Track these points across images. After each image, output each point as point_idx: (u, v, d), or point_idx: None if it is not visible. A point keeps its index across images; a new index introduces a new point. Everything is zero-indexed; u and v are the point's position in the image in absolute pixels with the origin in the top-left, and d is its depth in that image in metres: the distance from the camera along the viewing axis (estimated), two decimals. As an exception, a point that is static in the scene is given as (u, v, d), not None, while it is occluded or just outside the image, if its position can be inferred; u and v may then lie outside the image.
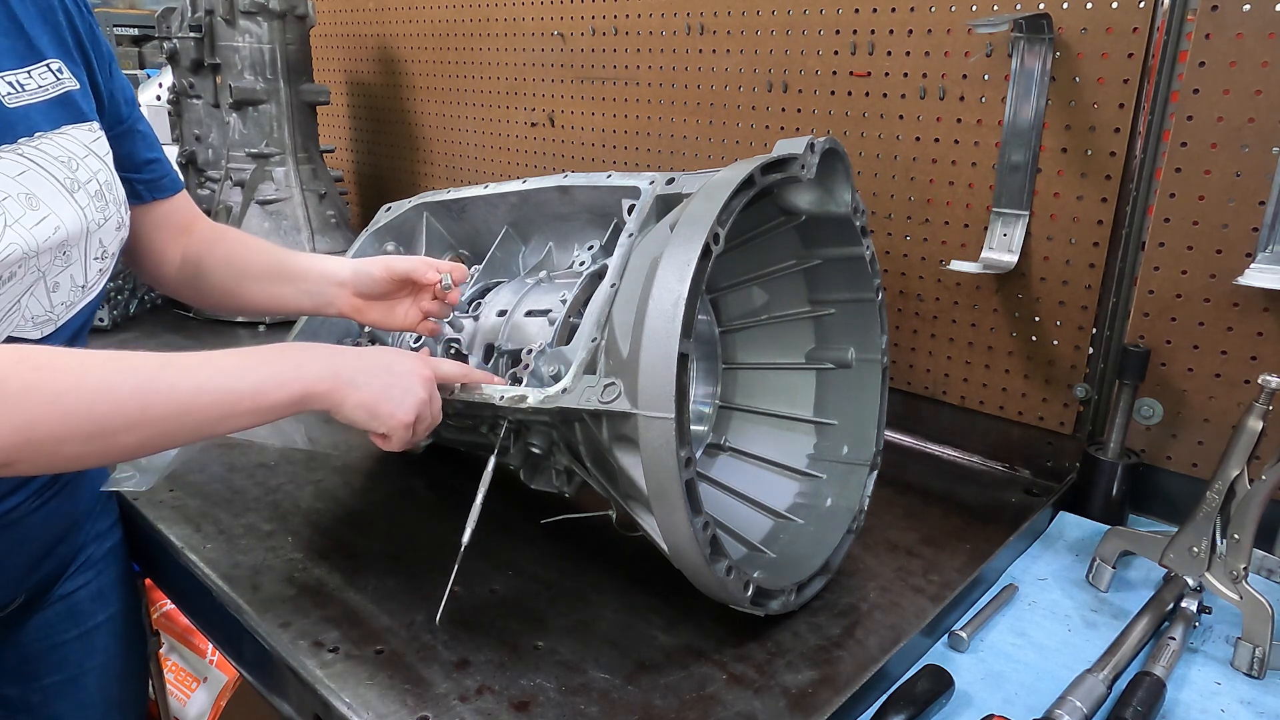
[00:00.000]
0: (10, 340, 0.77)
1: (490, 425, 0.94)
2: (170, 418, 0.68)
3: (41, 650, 0.97)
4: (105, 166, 0.85)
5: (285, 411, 0.73)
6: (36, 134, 0.78)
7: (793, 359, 1.06)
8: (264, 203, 1.76)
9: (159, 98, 2.55)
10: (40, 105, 0.79)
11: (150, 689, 1.25)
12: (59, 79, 0.83)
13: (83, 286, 0.84)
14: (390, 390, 0.78)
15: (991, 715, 0.76)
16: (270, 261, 1.02)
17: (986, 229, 1.19)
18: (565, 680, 0.79)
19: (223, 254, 1.03)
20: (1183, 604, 0.91)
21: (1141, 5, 1.02)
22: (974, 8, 1.14)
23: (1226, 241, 1.02)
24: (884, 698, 0.77)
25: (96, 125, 0.86)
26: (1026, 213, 1.15)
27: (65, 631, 0.98)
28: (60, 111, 0.82)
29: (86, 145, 0.83)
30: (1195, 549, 0.92)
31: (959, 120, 1.19)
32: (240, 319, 1.77)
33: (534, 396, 0.81)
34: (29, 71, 0.80)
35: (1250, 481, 0.89)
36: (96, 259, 0.85)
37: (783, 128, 1.39)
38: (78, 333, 0.86)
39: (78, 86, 0.85)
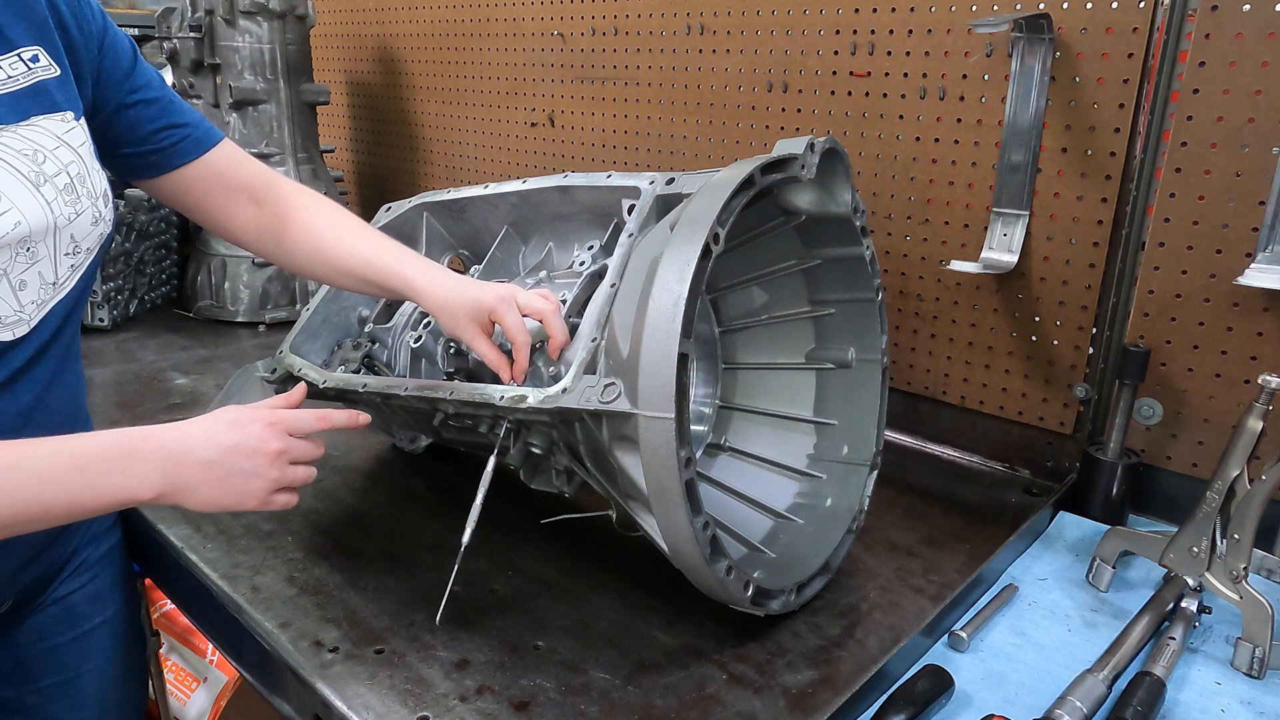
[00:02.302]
0: None
1: (490, 425, 0.94)
2: None
3: (37, 653, 0.96)
4: (78, 158, 0.82)
5: (106, 513, 0.72)
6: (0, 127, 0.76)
7: (793, 359, 1.06)
8: (264, 203, 1.76)
9: (159, 98, 2.55)
10: (6, 98, 0.77)
11: (150, 689, 1.25)
12: (30, 69, 0.80)
13: (53, 284, 0.81)
14: (229, 483, 0.76)
15: (991, 715, 0.76)
16: (350, 266, 0.96)
17: (986, 229, 1.19)
18: (565, 680, 0.79)
19: (303, 245, 0.98)
20: (1183, 604, 0.91)
21: (1141, 5, 1.02)
22: (974, 8, 1.14)
23: (1226, 241, 1.02)
24: (884, 698, 0.77)
25: (71, 115, 0.83)
26: (1026, 213, 1.15)
27: (60, 634, 0.98)
28: (30, 102, 0.79)
29: (58, 137, 0.80)
30: (1195, 549, 0.92)
31: (959, 120, 1.19)
32: (240, 319, 1.77)
33: (534, 396, 0.81)
34: None
35: (1250, 481, 0.89)
36: (67, 255, 0.82)
37: (783, 128, 1.39)
38: (57, 334, 0.84)
39: (56, 74, 0.82)
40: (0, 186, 0.74)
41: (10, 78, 0.78)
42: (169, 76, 1.81)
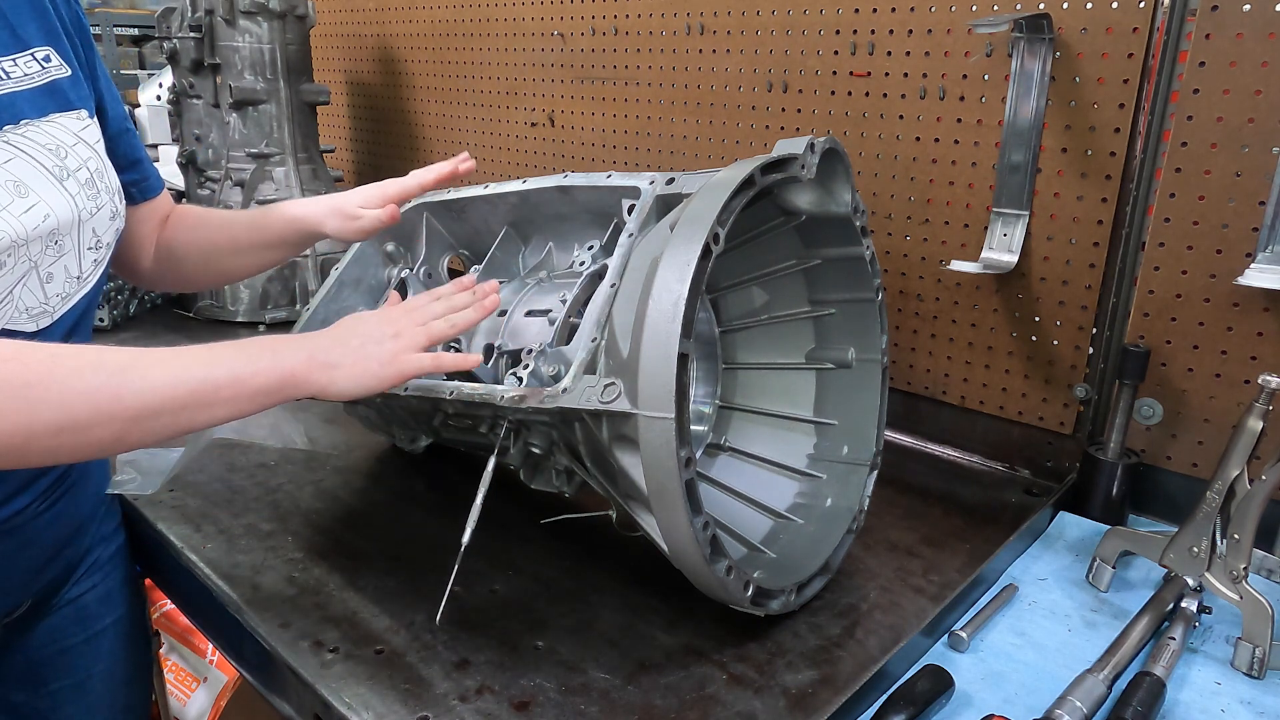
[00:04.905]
0: (6, 334, 0.77)
1: (490, 425, 0.94)
2: (145, 410, 0.66)
3: (49, 655, 0.97)
4: (96, 154, 0.84)
5: (266, 400, 0.72)
6: (23, 122, 0.77)
7: (793, 359, 1.06)
8: (264, 203, 1.76)
9: (159, 98, 2.55)
10: (26, 93, 0.79)
11: (152, 690, 1.25)
12: (45, 67, 0.82)
13: (78, 278, 0.83)
14: (365, 350, 0.77)
15: (991, 715, 0.76)
16: (238, 234, 1.05)
17: (986, 229, 1.19)
18: (565, 680, 0.79)
19: (191, 237, 1.05)
20: (1183, 604, 0.91)
21: (1141, 5, 1.02)
22: (974, 8, 1.14)
23: (1226, 241, 1.02)
24: (884, 698, 0.77)
25: (85, 113, 0.85)
26: (1026, 213, 1.15)
27: (73, 636, 0.98)
28: (47, 99, 0.81)
29: (75, 133, 0.82)
30: (1195, 549, 0.92)
31: (959, 120, 1.19)
32: (240, 319, 1.77)
33: (534, 396, 0.81)
34: (14, 60, 0.79)
35: (1250, 481, 0.89)
36: (90, 249, 0.84)
37: (783, 128, 1.39)
38: (76, 326, 0.86)
39: (67, 74, 0.84)
40: (28, 181, 0.76)
41: (27, 75, 0.80)
42: (169, 77, 1.81)
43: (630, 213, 0.91)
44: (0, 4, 0.80)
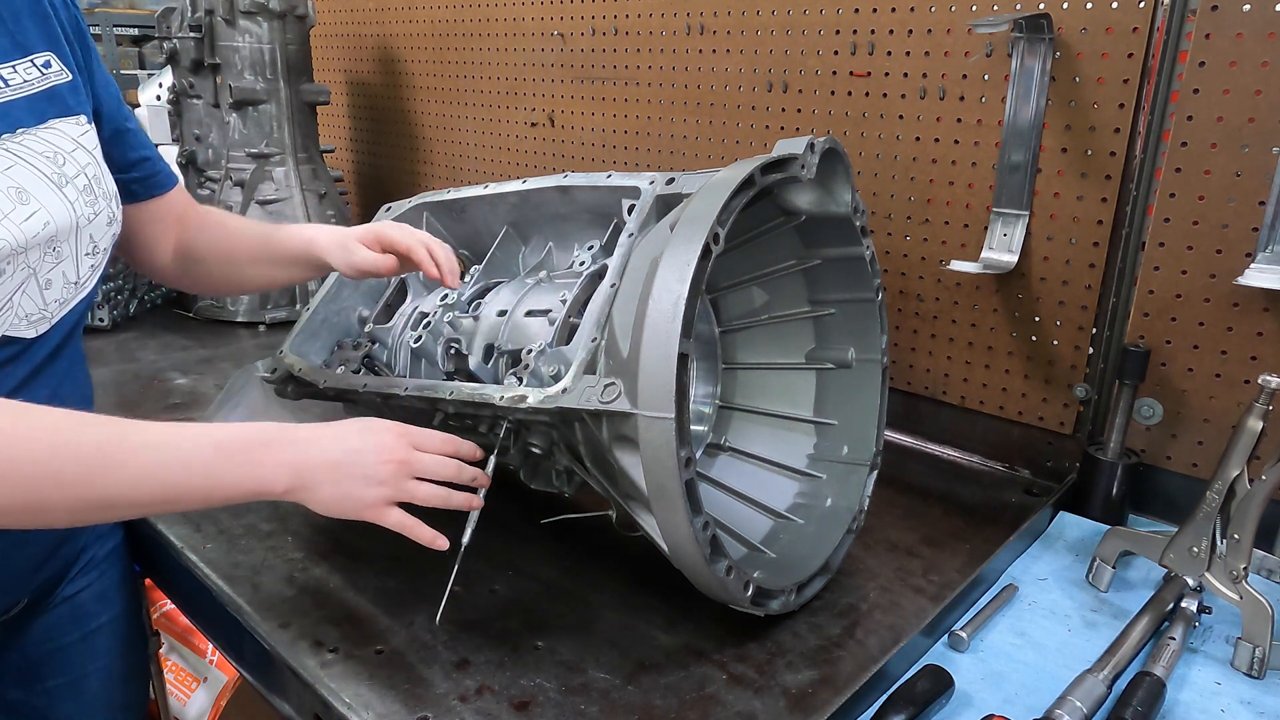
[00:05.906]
0: (6, 340, 0.77)
1: (490, 425, 0.94)
2: (107, 503, 0.67)
3: (45, 653, 0.97)
4: (94, 160, 0.84)
5: (234, 502, 0.73)
6: (20, 130, 0.77)
7: (793, 359, 1.06)
8: (264, 202, 1.77)
9: (159, 98, 2.55)
10: (23, 100, 0.79)
11: (150, 689, 1.25)
12: (44, 74, 0.82)
13: (75, 283, 0.83)
14: (348, 485, 0.74)
15: (991, 715, 0.76)
16: (255, 246, 1.06)
17: (986, 229, 1.19)
18: (565, 680, 0.79)
19: (211, 241, 1.06)
20: (1183, 604, 0.91)
21: (1141, 5, 1.02)
22: (974, 8, 1.14)
23: (1226, 241, 1.02)
24: (884, 698, 0.77)
25: (84, 119, 0.85)
26: (1026, 213, 1.15)
27: (68, 634, 0.98)
28: (46, 106, 0.81)
29: (74, 139, 0.82)
30: (1195, 549, 0.92)
31: (959, 120, 1.19)
32: (240, 319, 1.78)
33: (534, 396, 0.81)
34: (13, 66, 0.79)
35: (1250, 481, 0.89)
36: (88, 255, 0.84)
37: (783, 128, 1.39)
38: (73, 330, 0.86)
39: (67, 79, 0.84)
40: (28, 187, 0.76)
41: (26, 81, 0.80)
42: (169, 77, 1.81)
43: (630, 213, 0.91)
44: (1, 10, 0.80)
